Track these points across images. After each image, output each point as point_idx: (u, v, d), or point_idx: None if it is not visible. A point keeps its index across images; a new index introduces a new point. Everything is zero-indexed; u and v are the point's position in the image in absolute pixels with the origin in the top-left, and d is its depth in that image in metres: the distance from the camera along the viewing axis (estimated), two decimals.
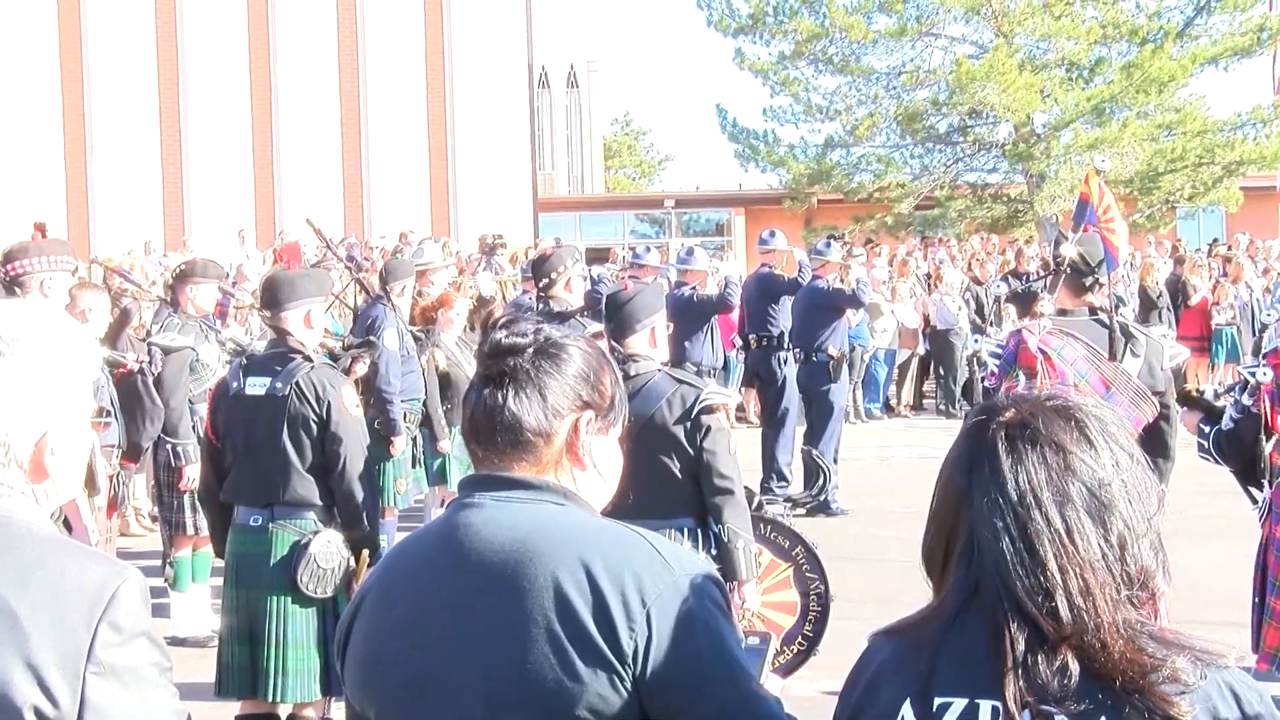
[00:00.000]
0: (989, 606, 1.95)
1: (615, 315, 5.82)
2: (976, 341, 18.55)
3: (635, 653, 2.17)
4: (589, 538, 2.27)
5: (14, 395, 2.17)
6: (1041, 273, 19.16)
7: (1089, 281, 6.54)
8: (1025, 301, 17.11)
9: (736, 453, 5.72)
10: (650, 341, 5.82)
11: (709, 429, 5.59)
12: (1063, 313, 6.58)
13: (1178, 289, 20.57)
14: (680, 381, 5.71)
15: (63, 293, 7.55)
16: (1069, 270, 6.59)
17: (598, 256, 28.30)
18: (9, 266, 7.42)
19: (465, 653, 2.24)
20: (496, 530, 2.29)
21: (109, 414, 7.51)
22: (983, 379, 14.88)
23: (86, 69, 32.75)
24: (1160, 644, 1.92)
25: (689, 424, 5.58)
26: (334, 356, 7.98)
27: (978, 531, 1.98)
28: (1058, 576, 1.91)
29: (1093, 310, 6.51)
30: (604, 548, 2.25)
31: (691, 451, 5.58)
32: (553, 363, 2.38)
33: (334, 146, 33.75)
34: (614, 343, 5.79)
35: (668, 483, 5.57)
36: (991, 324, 19.70)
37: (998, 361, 6.52)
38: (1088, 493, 1.96)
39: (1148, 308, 19.43)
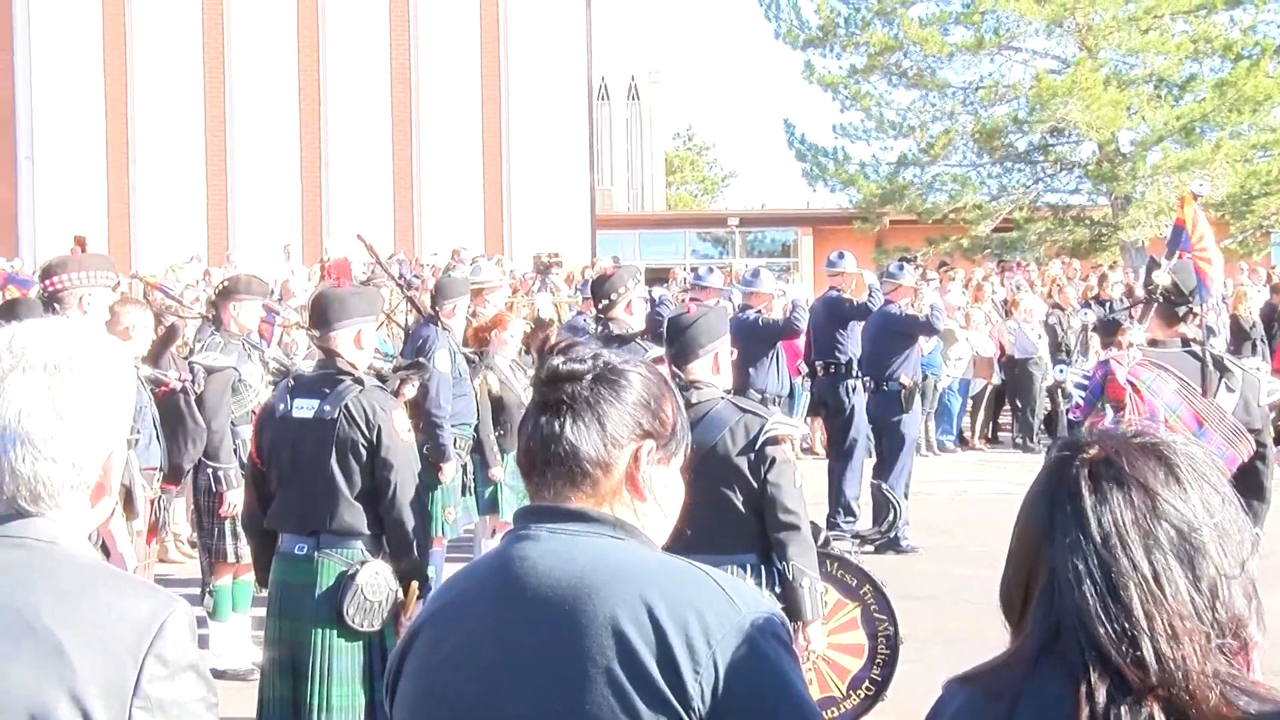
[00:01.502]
0: (1070, 653, 1.94)
1: (677, 340, 5.83)
2: (1060, 372, 18.44)
3: (700, 696, 2.17)
4: (650, 574, 2.28)
5: (84, 415, 2.21)
6: (1125, 300, 19.05)
7: (1182, 311, 6.51)
8: (1110, 330, 17.00)
9: (802, 486, 5.71)
10: (713, 368, 5.83)
11: (773, 460, 5.59)
12: (1154, 343, 6.55)
13: (1273, 319, 20.37)
14: (744, 410, 5.72)
15: (103, 309, 7.62)
16: (1161, 299, 6.56)
17: (657, 277, 28.30)
18: (48, 282, 7.52)
19: (518, 689, 2.25)
20: (553, 564, 2.30)
21: (137, 431, 7.57)
22: (1067, 410, 14.80)
23: (130, 77, 33.15)
24: (1254, 698, 1.89)
25: (753, 455, 5.58)
26: (381, 378, 8.03)
27: (1059, 573, 1.97)
28: (1144, 622, 1.89)
29: (1185, 341, 6.48)
30: (666, 584, 2.25)
31: (755, 484, 5.58)
32: (612, 390, 2.39)
33: (384, 159, 33.96)
34: (675, 368, 5.79)
35: (730, 516, 5.58)
36: (1073, 353, 19.57)
37: (1084, 392, 6.50)
38: (1176, 535, 1.94)
39: (1240, 339, 19.27)
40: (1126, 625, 1.90)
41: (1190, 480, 1.98)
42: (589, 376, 2.39)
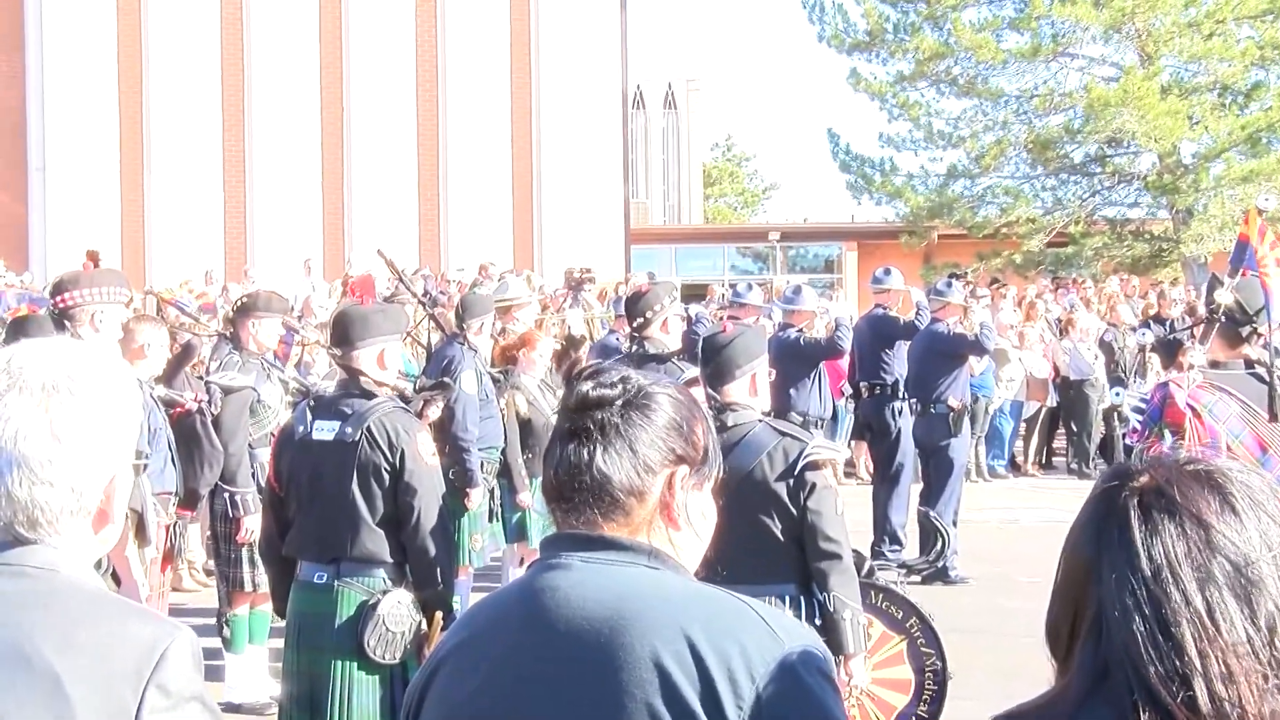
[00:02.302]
0: (1118, 693, 1.93)
1: (713, 359, 5.83)
2: (1117, 394, 18.35)
3: None
4: (689, 605, 2.28)
5: (83, 438, 2.21)
6: (1187, 319, 18.97)
7: (1246, 331, 6.48)
8: (1170, 351, 16.92)
9: (844, 513, 5.71)
10: (750, 389, 5.83)
11: (814, 486, 5.58)
12: (1215, 365, 6.52)
13: None
14: (783, 434, 5.71)
15: (115, 326, 7.66)
16: (1224, 318, 6.53)
17: (694, 293, 28.34)
18: (59, 298, 7.55)
19: None
20: (586, 594, 2.30)
21: (147, 456, 7.61)
22: (1123, 435, 14.71)
23: (146, 84, 33.34)
24: None
25: (792, 481, 5.58)
26: (405, 399, 8.06)
27: (1106, 609, 1.96)
28: (1197, 661, 1.88)
29: (1249, 363, 6.45)
30: (706, 616, 2.26)
31: (794, 511, 5.58)
32: (642, 414, 2.40)
33: (409, 170, 34.06)
34: (711, 390, 5.80)
35: (767, 545, 5.57)
36: (1131, 375, 19.49)
37: (1141, 417, 6.47)
38: (1232, 569, 1.92)
39: None
40: (1178, 664, 1.89)
41: (1246, 510, 1.97)
42: (618, 402, 2.40)
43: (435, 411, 8.79)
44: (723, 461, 5.52)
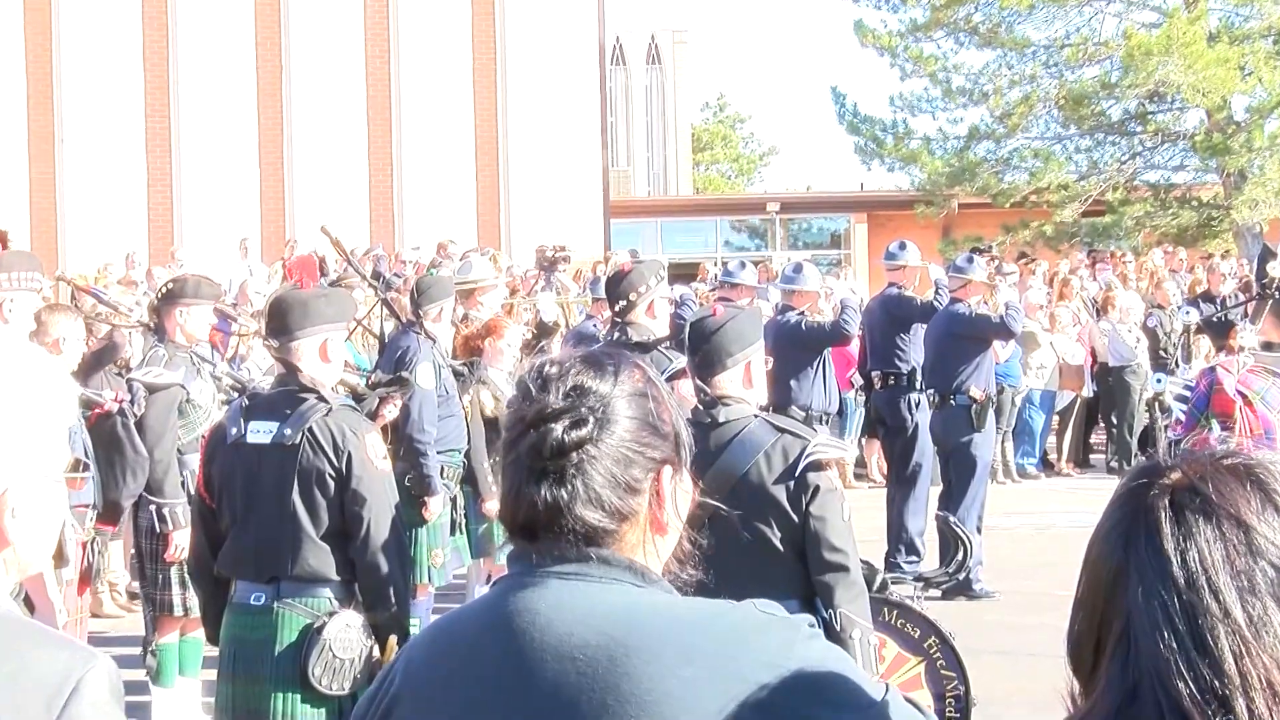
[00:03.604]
0: (1148, 714, 1.93)
1: (701, 347, 5.83)
2: (1159, 381, 18.42)
3: None
4: (694, 626, 2.30)
5: None
6: (1241, 296, 19.02)
7: None
8: (1220, 332, 16.99)
9: (851, 519, 5.71)
10: (745, 380, 5.82)
11: (817, 489, 5.58)
12: (1268, 347, 6.55)
13: None
14: (782, 430, 5.71)
15: (28, 317, 7.65)
16: (1278, 294, 6.56)
17: (683, 273, 28.35)
18: None
19: None
20: (572, 618, 2.31)
21: (86, 467, 7.60)
22: (1166, 428, 14.78)
23: (56, 41, 33.17)
24: None
25: (792, 483, 5.58)
26: (358, 397, 8.05)
27: (1135, 622, 1.96)
28: (1237, 679, 1.89)
29: None
30: (714, 639, 2.29)
31: (795, 518, 5.58)
32: (613, 429, 2.41)
33: (358, 136, 33.99)
34: (700, 381, 5.80)
35: (765, 556, 5.57)
36: (1177, 360, 19.55)
37: (1186, 406, 6.50)
38: (1276, 575, 1.93)
39: None
40: (1217, 682, 1.90)
41: None
42: (584, 429, 2.39)
43: (392, 411, 8.80)
44: (715, 463, 5.53)
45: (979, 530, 12.79)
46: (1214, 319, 18.64)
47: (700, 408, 5.68)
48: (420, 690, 2.42)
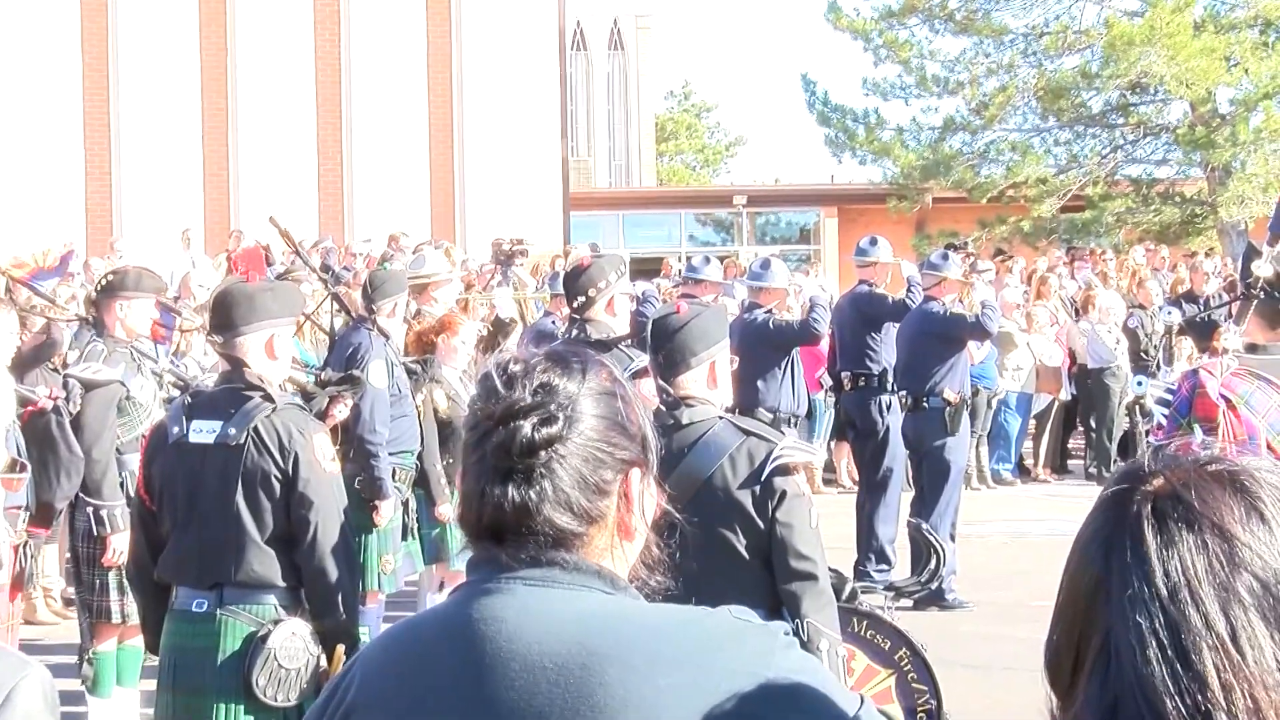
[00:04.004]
0: None
1: (664, 345, 5.83)
2: (1140, 384, 18.47)
3: None
4: (672, 634, 2.32)
5: None
6: (1225, 296, 19.09)
7: None
8: (1203, 333, 17.05)
9: (819, 525, 5.72)
10: (709, 380, 5.83)
11: (784, 494, 5.59)
12: (1253, 349, 6.57)
13: None
14: (748, 433, 5.72)
15: None
16: (1263, 294, 6.58)
17: (646, 268, 28.36)
18: None
19: None
20: (540, 627, 2.31)
21: (24, 467, 7.57)
22: (1146, 433, 14.83)
23: None
24: None
25: (758, 488, 5.59)
26: (307, 395, 8.04)
27: (1116, 635, 1.96)
28: (1220, 695, 1.88)
29: None
30: (694, 645, 2.30)
31: (761, 524, 5.59)
32: (576, 428, 2.42)
33: (306, 123, 33.88)
34: (662, 381, 5.80)
35: (729, 564, 5.58)
36: (1159, 362, 19.62)
37: (1168, 410, 6.52)
38: (1260, 587, 1.92)
39: None
40: (1200, 699, 1.89)
41: (1277, 518, 1.97)
42: (554, 426, 2.40)
43: (343, 411, 8.79)
44: (678, 466, 5.53)
45: (952, 538, 12.82)
46: (1197, 319, 18.69)
47: (663, 409, 5.68)
48: (377, 702, 2.42)
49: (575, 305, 8.99)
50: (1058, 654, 2.06)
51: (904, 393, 13.04)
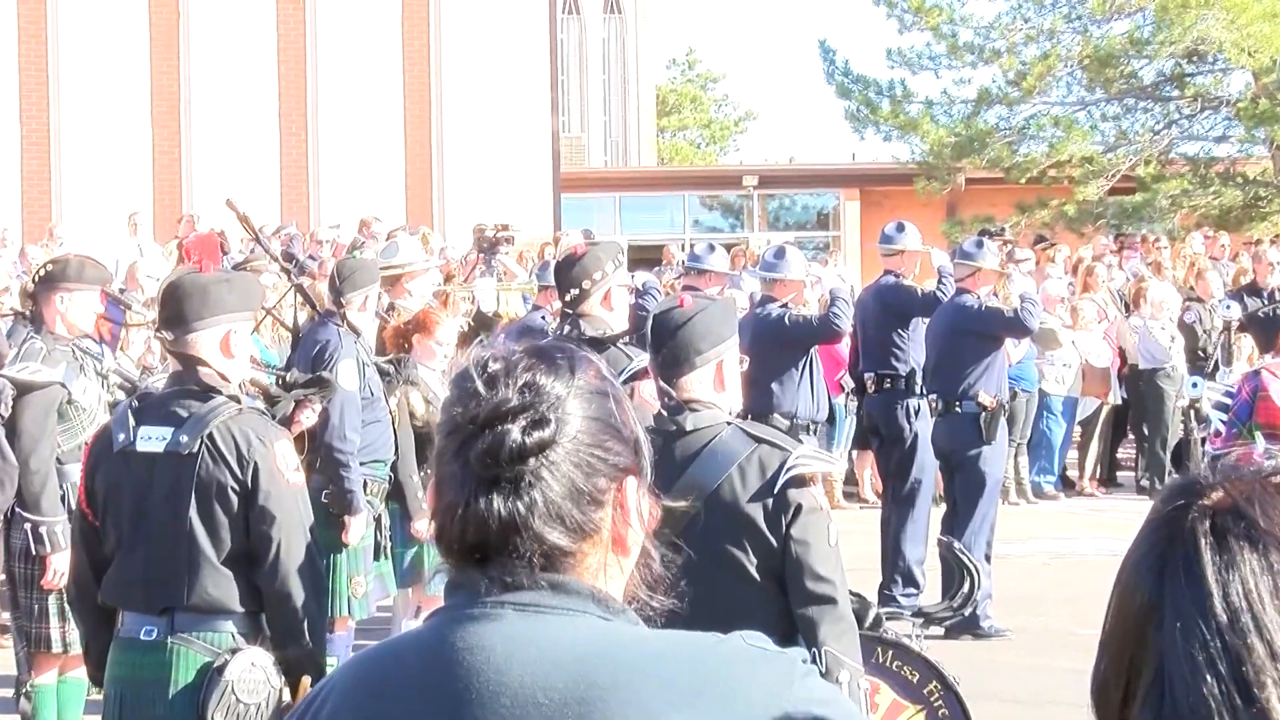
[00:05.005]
0: None
1: (666, 343, 5.83)
2: (1195, 386, 18.49)
3: None
4: (682, 662, 2.32)
5: None
6: None
7: None
8: (1267, 330, 17.05)
9: (838, 543, 5.73)
10: (716, 382, 5.83)
11: (799, 509, 5.59)
12: None
13: None
14: (759, 440, 5.71)
15: None
16: None
17: (646, 258, 28.36)
18: None
19: None
20: (532, 654, 2.31)
21: None
22: (1203, 441, 14.83)
23: None
24: None
25: (770, 501, 5.59)
26: (270, 399, 8.03)
27: (1170, 664, 1.97)
28: None
29: None
30: (708, 675, 2.31)
31: (774, 541, 5.59)
32: (566, 432, 2.42)
33: (268, 96, 33.88)
34: (664, 383, 5.80)
35: (738, 585, 5.58)
36: (1217, 362, 19.61)
37: (1226, 415, 6.53)
38: None
39: None
40: None
41: None
42: (545, 430, 2.41)
43: (311, 417, 8.78)
44: (680, 477, 5.55)
45: (988, 558, 12.81)
46: (1260, 315, 18.69)
47: (664, 413, 5.68)
48: None
49: (567, 299, 9.00)
50: (1105, 686, 2.06)
51: (934, 396, 13.04)
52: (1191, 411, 18.40)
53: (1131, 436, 20.76)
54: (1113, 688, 2.05)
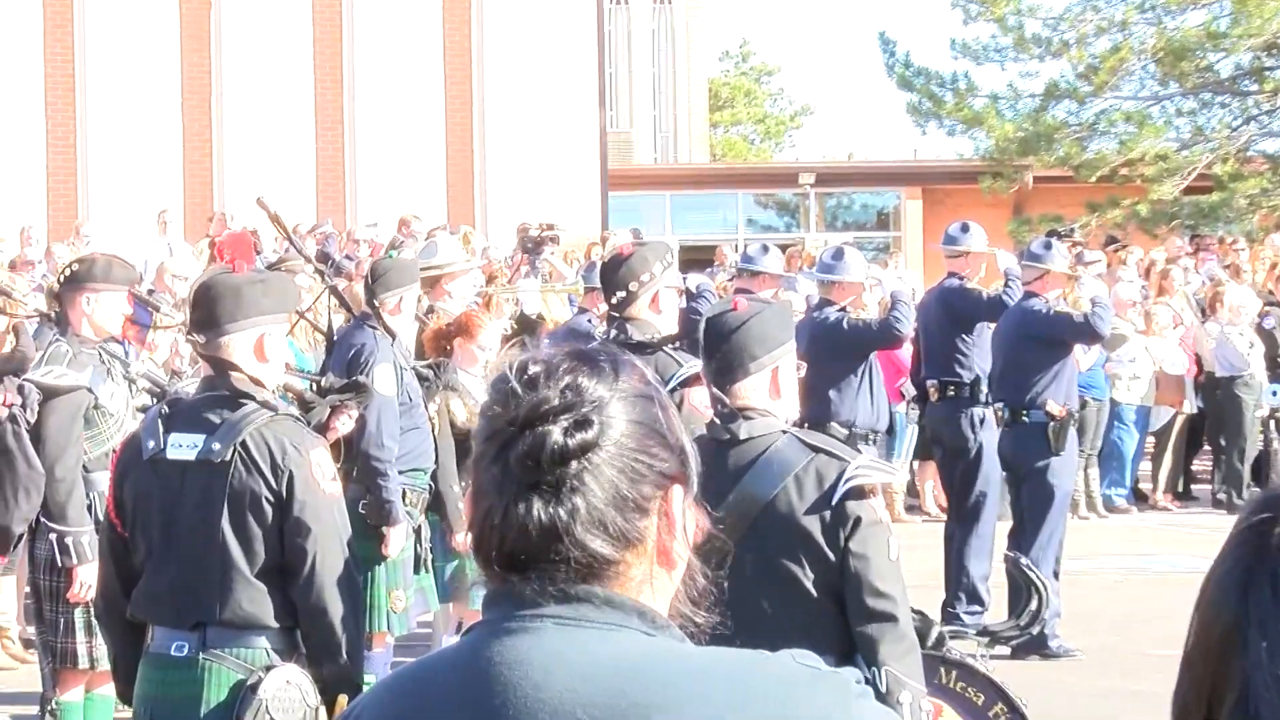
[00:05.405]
0: None
1: (719, 348, 5.83)
2: (1275, 395, 18.43)
3: None
4: (731, 682, 2.31)
5: None
6: None
7: None
8: None
9: (900, 558, 5.71)
10: (771, 389, 5.83)
11: (859, 522, 5.58)
12: None
13: None
14: (816, 450, 5.71)
15: None
16: None
17: (697, 258, 28.35)
18: None
19: None
20: (573, 671, 2.31)
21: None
22: None
23: None
24: None
25: (828, 514, 5.58)
26: (305, 405, 8.05)
27: (1255, 689, 1.96)
28: None
29: None
30: (759, 695, 2.30)
31: (832, 555, 5.58)
32: (610, 435, 2.42)
33: (304, 91, 33.94)
34: (717, 390, 5.80)
35: (794, 601, 5.58)
36: None
37: None
38: None
39: None
40: None
41: None
42: (589, 431, 2.40)
43: (347, 424, 8.78)
44: (734, 488, 5.55)
45: (1056, 575, 12.78)
46: None
47: (717, 421, 5.68)
48: None
49: (614, 301, 8.99)
50: (1186, 711, 2.05)
51: (1000, 405, 13.01)
52: (1271, 421, 18.38)
53: (1207, 447, 20.70)
54: (1194, 710, 2.04)
